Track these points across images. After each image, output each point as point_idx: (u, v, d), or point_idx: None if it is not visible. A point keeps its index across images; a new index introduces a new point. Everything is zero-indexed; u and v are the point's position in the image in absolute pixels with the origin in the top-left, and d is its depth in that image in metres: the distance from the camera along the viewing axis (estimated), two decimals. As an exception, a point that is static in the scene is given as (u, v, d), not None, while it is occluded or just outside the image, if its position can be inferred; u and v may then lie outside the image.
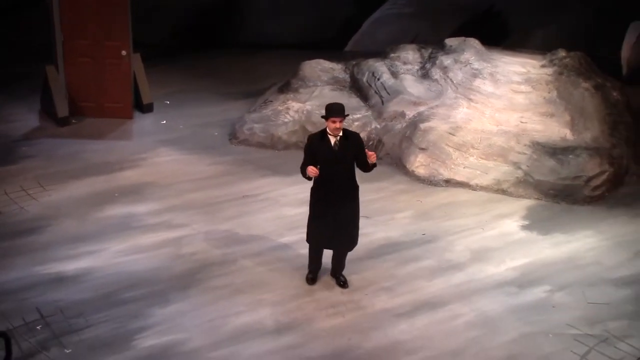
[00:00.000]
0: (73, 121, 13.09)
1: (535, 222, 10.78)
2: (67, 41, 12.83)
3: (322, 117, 8.71)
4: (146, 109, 13.57)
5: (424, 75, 13.11)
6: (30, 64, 13.60)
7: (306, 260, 9.31)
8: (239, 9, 16.61)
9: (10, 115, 13.18)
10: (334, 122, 8.54)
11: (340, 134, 8.64)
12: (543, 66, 12.71)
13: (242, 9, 16.62)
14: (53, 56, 12.97)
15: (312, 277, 9.27)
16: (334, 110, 8.54)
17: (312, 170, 8.54)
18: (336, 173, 8.67)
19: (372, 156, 8.62)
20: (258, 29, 16.57)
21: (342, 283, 9.22)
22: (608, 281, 9.55)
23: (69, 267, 9.41)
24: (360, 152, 8.75)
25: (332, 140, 8.63)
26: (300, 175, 8.86)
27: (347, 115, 8.85)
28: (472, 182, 11.60)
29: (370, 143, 12.24)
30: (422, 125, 12.01)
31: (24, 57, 14.28)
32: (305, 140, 8.97)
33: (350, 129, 12.19)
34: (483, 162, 11.69)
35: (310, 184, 8.89)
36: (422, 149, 11.86)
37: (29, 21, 14.56)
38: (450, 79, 12.76)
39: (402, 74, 13.20)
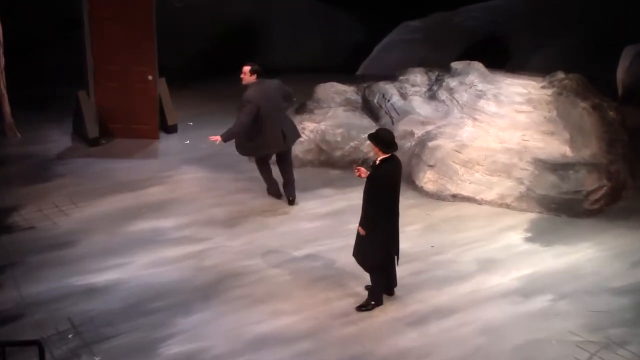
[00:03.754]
0: (103, 142, 13.10)
1: (538, 235, 10.68)
2: (97, 67, 12.89)
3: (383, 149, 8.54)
4: (171, 129, 13.57)
5: (432, 96, 13.05)
6: (64, 88, 13.62)
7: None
8: (257, 35, 16.63)
9: (45, 137, 13.21)
10: None
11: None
12: (543, 87, 12.63)
13: (260, 35, 16.64)
14: (84, 81, 13.00)
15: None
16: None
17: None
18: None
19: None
20: (275, 54, 16.57)
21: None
22: (607, 290, 9.42)
23: (99, 278, 9.37)
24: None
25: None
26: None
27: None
28: (478, 197, 11.51)
29: (381, 160, 12.21)
30: (430, 144, 11.95)
31: (57, 82, 14.30)
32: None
33: (362, 148, 12.18)
34: (488, 178, 11.60)
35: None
36: (430, 165, 11.79)
37: (63, 48, 14.59)
38: (456, 100, 12.70)
39: (411, 95, 13.14)
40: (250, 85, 10.71)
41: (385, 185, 8.46)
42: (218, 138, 10.38)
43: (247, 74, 10.75)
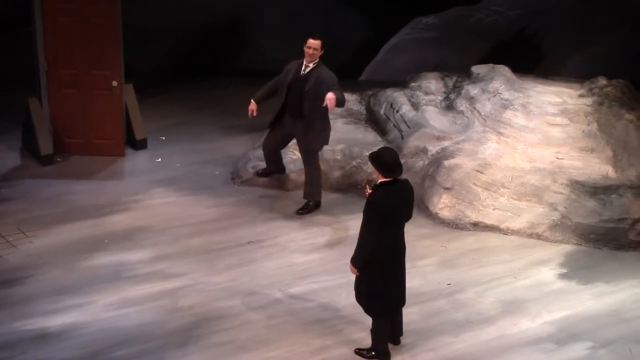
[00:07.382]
0: (58, 159, 13.10)
1: (575, 270, 10.76)
2: (51, 70, 12.88)
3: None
4: (139, 145, 13.58)
5: (448, 106, 13.17)
6: (11, 95, 13.65)
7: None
8: (241, 33, 16.72)
9: (-13, 153, 13.25)
10: None
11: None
12: (581, 96, 12.74)
13: (245, 33, 16.72)
14: (36, 87, 13.03)
15: None
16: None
17: None
18: None
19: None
20: (263, 55, 16.63)
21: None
22: (657, 337, 9.53)
23: (53, 322, 9.38)
24: None
25: None
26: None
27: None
28: (503, 226, 11.61)
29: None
30: (447, 162, 12.06)
31: (4, 87, 14.32)
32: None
33: (366, 167, 12.27)
34: (515, 203, 11.70)
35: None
36: (447, 188, 11.89)
37: (11, 46, 14.65)
38: (478, 111, 12.81)
39: (424, 105, 13.25)
40: (319, 62, 11.37)
41: (377, 214, 8.24)
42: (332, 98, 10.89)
43: (319, 49, 11.32)
